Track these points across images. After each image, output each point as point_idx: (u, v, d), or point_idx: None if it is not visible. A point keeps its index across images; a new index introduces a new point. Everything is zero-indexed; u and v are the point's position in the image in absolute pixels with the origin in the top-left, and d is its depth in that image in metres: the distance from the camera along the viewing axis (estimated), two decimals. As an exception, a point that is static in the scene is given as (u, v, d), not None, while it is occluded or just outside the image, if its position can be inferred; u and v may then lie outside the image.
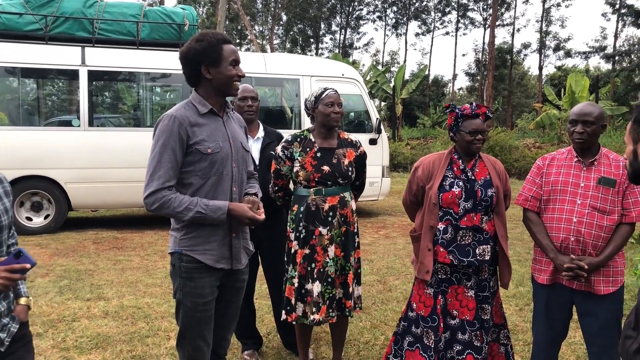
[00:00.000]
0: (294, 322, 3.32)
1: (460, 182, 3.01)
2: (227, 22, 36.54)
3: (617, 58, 32.12)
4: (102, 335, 4.12)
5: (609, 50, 35.17)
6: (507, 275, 3.10)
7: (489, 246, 3.01)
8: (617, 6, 32.76)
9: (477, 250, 2.98)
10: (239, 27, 43.79)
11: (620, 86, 30.80)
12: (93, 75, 8.48)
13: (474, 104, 3.07)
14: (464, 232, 2.98)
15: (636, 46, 29.96)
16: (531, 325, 3.21)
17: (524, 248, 7.44)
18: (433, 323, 3.05)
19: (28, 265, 1.89)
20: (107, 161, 8.25)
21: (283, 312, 3.33)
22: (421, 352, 3.08)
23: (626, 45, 35.78)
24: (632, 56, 29.36)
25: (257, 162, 3.65)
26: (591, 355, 2.92)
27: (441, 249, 3.01)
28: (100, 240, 7.80)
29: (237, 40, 45.40)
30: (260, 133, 3.78)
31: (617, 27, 37.94)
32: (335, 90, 3.38)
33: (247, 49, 43.22)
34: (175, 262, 2.46)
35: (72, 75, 8.40)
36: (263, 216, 2.47)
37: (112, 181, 8.29)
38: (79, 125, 8.23)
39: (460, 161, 3.07)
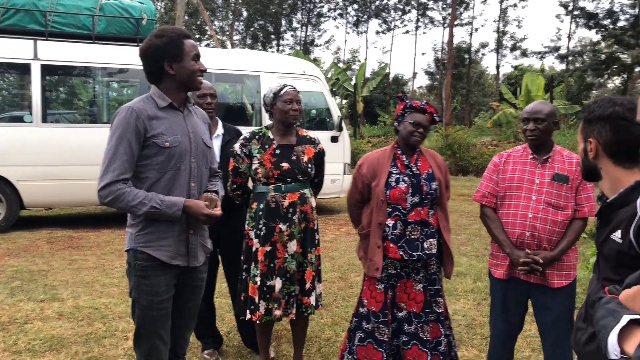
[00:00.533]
0: (257, 321, 3.29)
1: (405, 178, 3.06)
2: (186, 17, 36.02)
3: (570, 58, 33.05)
4: (56, 337, 4.00)
5: (563, 50, 36.17)
6: (450, 265, 3.17)
7: (435, 240, 3.07)
8: (570, 8, 33.73)
9: (424, 244, 3.04)
10: (199, 23, 43.23)
11: (574, 86, 31.75)
12: (46, 70, 8.22)
13: (424, 101, 3.14)
14: (412, 227, 3.03)
15: (588, 47, 30.86)
16: (488, 319, 3.27)
17: (481, 244, 7.58)
18: (384, 318, 3.08)
19: None
20: (62, 158, 8.02)
21: (247, 311, 3.29)
22: (375, 346, 3.10)
23: (579, 46, 36.91)
24: (585, 57, 30.25)
25: (218, 160, 3.61)
26: (545, 347, 3.00)
27: (391, 245, 3.04)
28: (55, 240, 7.58)
29: (197, 36, 44.77)
30: (220, 130, 3.74)
31: (570, 29, 39.16)
32: (294, 87, 3.37)
33: (207, 45, 42.71)
34: (130, 260, 2.42)
35: (24, 69, 8.13)
36: (219, 212, 2.44)
37: (66, 179, 8.06)
38: (31, 121, 7.97)
39: (403, 156, 3.12)
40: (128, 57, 8.41)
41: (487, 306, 4.38)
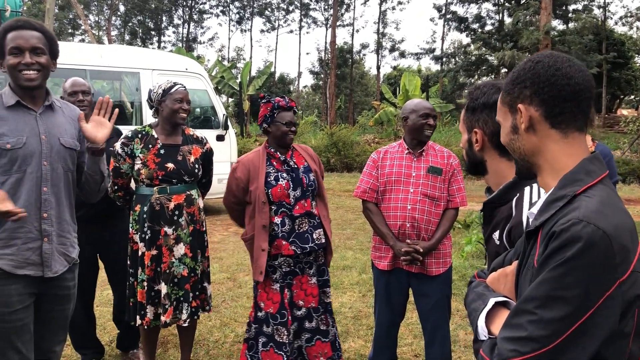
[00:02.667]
0: (146, 327, 3.19)
1: (284, 174, 3.10)
2: (57, 10, 33.72)
3: (444, 59, 35.03)
4: None
5: (438, 52, 38.27)
6: (329, 254, 3.26)
7: (322, 230, 3.16)
8: (443, 12, 35.80)
9: (314, 235, 3.10)
10: (72, 16, 40.67)
11: (448, 85, 33.72)
12: None
13: (287, 98, 3.19)
14: (300, 220, 3.08)
15: (462, 49, 32.90)
16: (373, 310, 3.40)
17: (366, 237, 7.84)
18: (282, 319, 3.06)
19: None
20: None
21: (137, 317, 3.17)
22: (276, 350, 3.05)
23: (452, 48, 39.19)
24: (457, 58, 32.25)
25: None
26: (426, 331, 3.17)
27: (283, 242, 3.06)
28: None
29: (70, 30, 42.12)
30: None
31: (443, 31, 41.47)
32: (185, 87, 3.27)
33: (82, 40, 40.26)
34: None
35: None
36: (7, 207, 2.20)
37: None
38: None
39: (278, 154, 3.15)
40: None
41: (372, 297, 4.56)
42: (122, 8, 45.48)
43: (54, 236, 2.34)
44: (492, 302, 1.28)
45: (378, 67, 45.05)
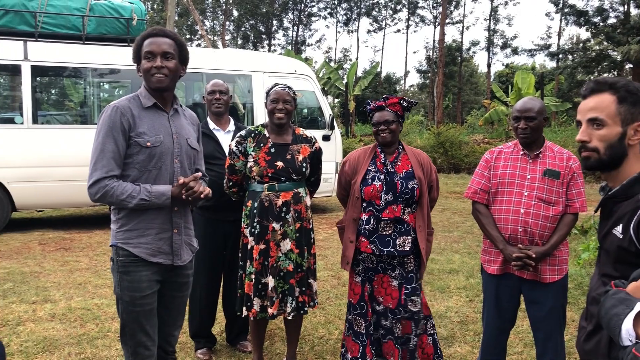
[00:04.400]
0: (252, 318, 3.31)
1: (381, 176, 3.11)
2: (177, 18, 35.86)
3: (560, 56, 33.17)
4: (48, 339, 3.99)
5: (554, 48, 36.26)
6: (422, 266, 3.20)
7: (409, 237, 3.10)
8: (561, 5, 33.88)
9: (397, 241, 3.08)
10: (189, 23, 43.11)
11: (564, 83, 31.89)
12: (36, 71, 8.17)
13: (386, 96, 3.21)
14: (385, 223, 3.09)
15: (580, 45, 30.96)
16: (481, 316, 3.29)
17: (474, 241, 7.61)
18: (361, 310, 3.17)
19: None
20: (53, 159, 7.97)
21: (244, 308, 3.31)
22: (354, 338, 3.19)
23: (569, 44, 37.03)
24: (575, 54, 30.39)
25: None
26: (537, 341, 3.01)
27: (363, 239, 3.12)
28: (47, 241, 7.54)
29: (188, 36, 44.63)
30: (231, 127, 3.85)
31: (560, 26, 39.30)
32: (286, 86, 3.34)
33: (198, 45, 42.57)
34: (113, 257, 2.45)
35: (14, 70, 8.07)
36: (203, 190, 2.47)
37: (58, 180, 8.01)
38: (22, 123, 7.92)
39: (382, 155, 3.16)
40: (119, 57, 8.38)
41: (480, 303, 4.41)
42: (235, 13, 47.51)
43: (182, 227, 2.54)
44: (639, 305, 1.22)
45: (489, 65, 43.59)
